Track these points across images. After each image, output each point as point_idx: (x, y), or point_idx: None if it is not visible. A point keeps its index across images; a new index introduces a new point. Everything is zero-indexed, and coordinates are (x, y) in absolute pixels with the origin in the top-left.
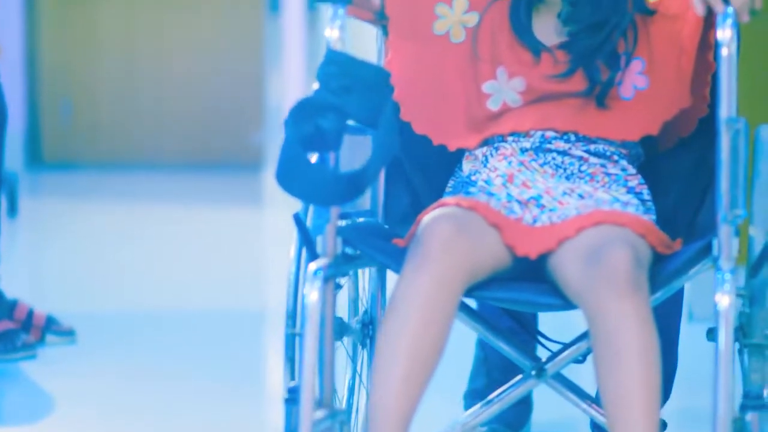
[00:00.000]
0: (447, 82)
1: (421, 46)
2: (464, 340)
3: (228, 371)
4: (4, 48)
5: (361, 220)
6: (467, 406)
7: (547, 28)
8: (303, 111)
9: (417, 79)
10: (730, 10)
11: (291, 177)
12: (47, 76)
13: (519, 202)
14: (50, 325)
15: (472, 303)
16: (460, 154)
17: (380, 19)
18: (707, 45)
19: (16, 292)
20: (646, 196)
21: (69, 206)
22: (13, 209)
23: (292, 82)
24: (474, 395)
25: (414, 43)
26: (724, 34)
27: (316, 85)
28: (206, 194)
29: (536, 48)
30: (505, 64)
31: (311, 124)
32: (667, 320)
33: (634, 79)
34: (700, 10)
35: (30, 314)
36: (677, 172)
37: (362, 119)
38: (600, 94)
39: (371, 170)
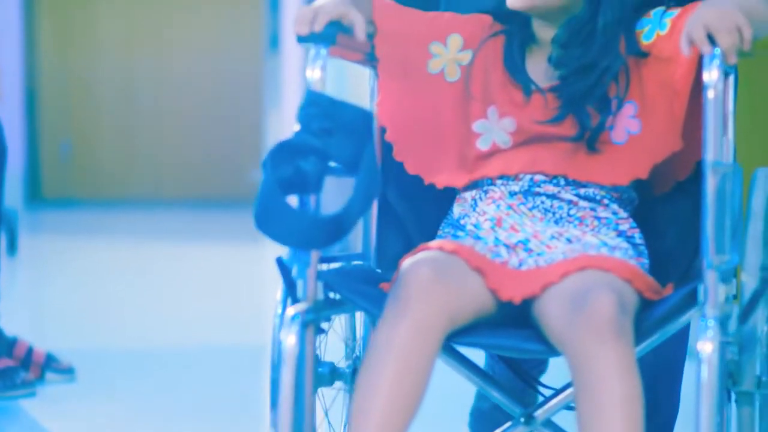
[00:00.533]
0: (442, 121)
1: (414, 85)
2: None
3: (229, 409)
4: (4, 88)
5: (356, 263)
6: (471, 424)
7: (539, 68)
8: (283, 153)
9: (410, 120)
10: (717, 51)
11: (269, 220)
12: (47, 114)
13: (506, 245)
14: (50, 362)
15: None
16: (452, 196)
17: (370, 60)
18: (701, 85)
19: (16, 329)
20: (638, 240)
21: (68, 243)
22: (12, 247)
23: (291, 121)
24: (479, 415)
25: (407, 84)
26: (711, 75)
27: (296, 127)
28: (205, 231)
29: (528, 88)
30: (497, 104)
31: (292, 166)
32: (670, 359)
33: (626, 123)
34: (686, 51)
35: (29, 352)
36: (674, 216)
37: (344, 161)
38: (590, 140)
39: (352, 213)
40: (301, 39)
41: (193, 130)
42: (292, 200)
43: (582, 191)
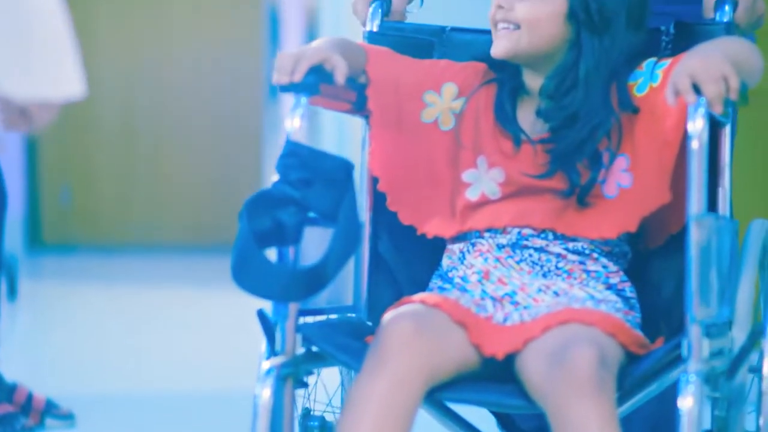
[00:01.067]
0: (434, 170)
1: (407, 135)
2: None
3: None
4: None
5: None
6: None
7: (530, 118)
8: (261, 204)
9: (403, 170)
10: (703, 100)
11: (245, 273)
12: (47, 159)
13: (493, 298)
14: (50, 408)
15: None
16: (444, 247)
17: (358, 109)
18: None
19: (16, 375)
20: (629, 293)
21: (69, 289)
22: (12, 292)
23: None
24: None
25: (400, 134)
26: (695, 125)
27: (275, 177)
28: (205, 276)
29: (518, 138)
30: (486, 153)
31: (270, 217)
32: (667, 408)
33: (618, 176)
34: (671, 101)
35: (29, 398)
36: (669, 270)
37: (323, 212)
38: (580, 195)
39: (331, 265)
40: (282, 88)
41: (193, 176)
42: (271, 251)
43: (571, 245)
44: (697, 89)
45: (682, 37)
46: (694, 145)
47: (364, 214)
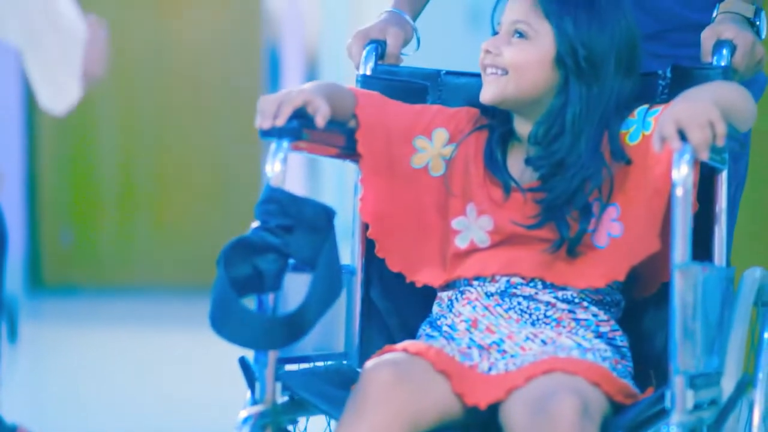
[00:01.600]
0: (424, 217)
1: (398, 181)
2: None
3: None
4: (5, 175)
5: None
6: None
7: (521, 166)
8: (239, 251)
9: (393, 216)
10: (688, 147)
11: (224, 321)
12: (47, 201)
13: (480, 347)
14: None
15: None
16: (435, 294)
17: (347, 153)
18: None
19: (16, 417)
20: (620, 342)
21: (69, 331)
22: (13, 334)
23: None
24: None
25: (390, 179)
26: (680, 172)
27: (255, 223)
28: (207, 317)
29: (507, 186)
30: (475, 201)
31: (249, 264)
32: None
33: (608, 226)
34: (657, 147)
35: None
36: (660, 319)
37: (304, 259)
38: (569, 247)
39: (310, 312)
40: (263, 133)
41: (193, 218)
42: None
43: (560, 294)
44: (684, 135)
45: (678, 82)
46: (679, 192)
47: (357, 261)
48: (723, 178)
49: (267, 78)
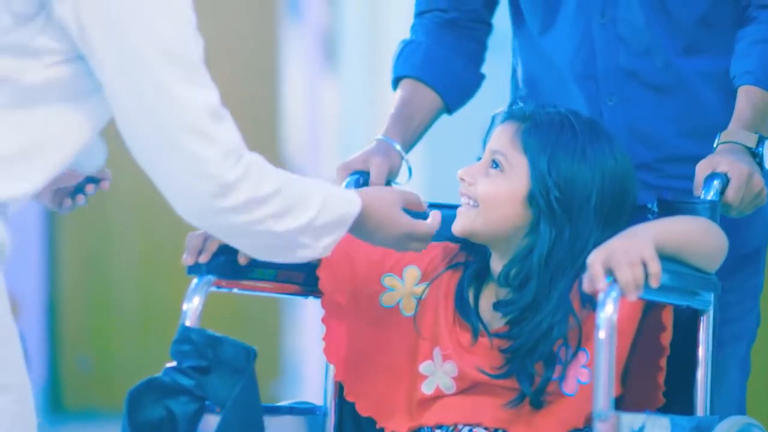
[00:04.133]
0: (393, 360)
1: (365, 320)
2: None
3: None
4: (26, 301)
5: None
6: None
7: (491, 309)
8: (150, 393)
9: (361, 357)
10: (615, 287)
11: None
12: (67, 326)
13: None
14: None
15: None
16: None
17: (309, 290)
18: (659, 326)
19: None
20: None
21: None
22: None
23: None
24: None
25: (357, 318)
26: (605, 312)
27: (171, 363)
28: None
29: (475, 329)
30: (442, 345)
31: (161, 407)
32: None
33: (578, 372)
34: (585, 285)
35: None
36: None
37: (221, 402)
38: (533, 399)
39: None
40: (188, 270)
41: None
42: None
43: None
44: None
45: (665, 216)
46: (601, 335)
47: (330, 401)
48: (707, 320)
49: None
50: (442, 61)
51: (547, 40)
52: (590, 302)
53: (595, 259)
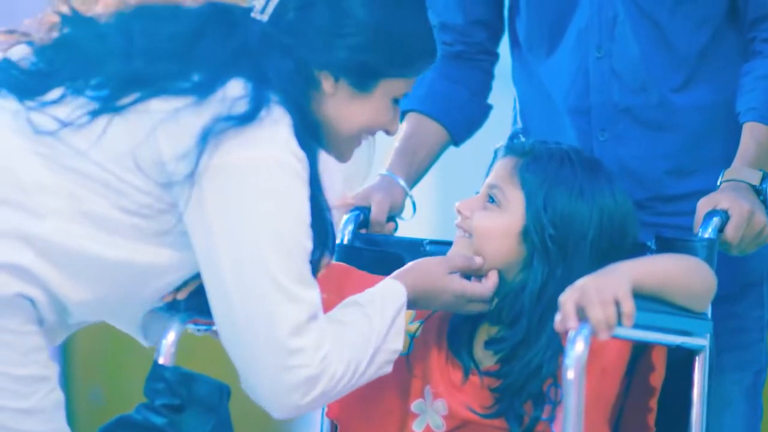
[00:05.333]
0: (386, 399)
1: None
2: None
3: None
4: None
5: None
6: None
7: (483, 348)
8: (121, 430)
9: (355, 395)
10: (586, 326)
11: None
12: (79, 361)
13: None
14: None
15: None
16: None
17: None
18: (650, 366)
19: None
20: None
21: None
22: None
23: None
24: None
25: None
26: (573, 353)
27: (145, 400)
28: None
29: (467, 367)
30: (432, 383)
31: None
32: None
33: None
34: (558, 326)
35: None
36: None
37: None
38: None
39: None
40: (167, 307)
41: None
42: None
43: None
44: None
45: (663, 253)
46: (570, 375)
47: None
48: (703, 359)
49: None
50: (446, 93)
51: (546, 69)
52: None
53: (568, 297)
